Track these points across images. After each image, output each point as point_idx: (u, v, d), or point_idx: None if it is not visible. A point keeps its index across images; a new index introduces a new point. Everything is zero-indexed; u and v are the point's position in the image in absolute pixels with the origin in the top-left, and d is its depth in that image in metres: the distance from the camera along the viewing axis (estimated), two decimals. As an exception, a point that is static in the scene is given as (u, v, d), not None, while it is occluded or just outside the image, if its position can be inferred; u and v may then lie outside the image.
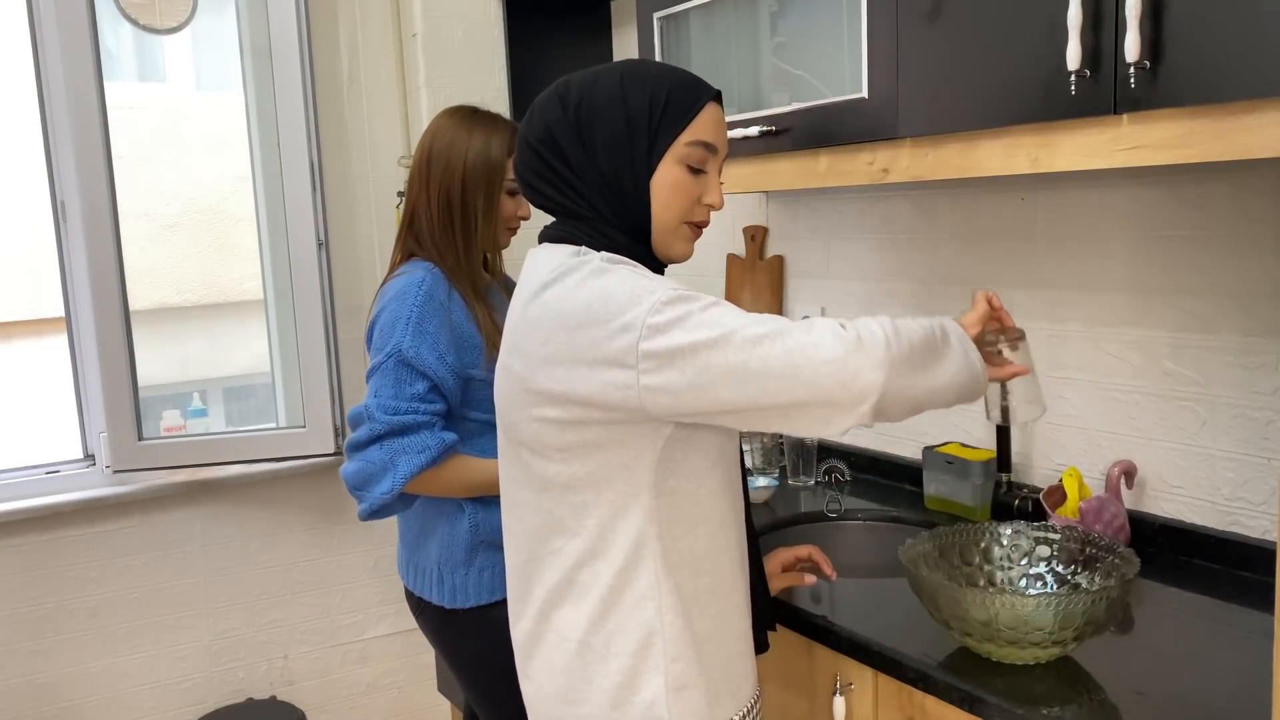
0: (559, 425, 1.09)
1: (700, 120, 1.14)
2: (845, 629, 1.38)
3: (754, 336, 1.01)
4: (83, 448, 2.38)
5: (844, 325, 1.03)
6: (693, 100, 1.14)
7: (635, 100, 1.12)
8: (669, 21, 1.93)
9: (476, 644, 1.66)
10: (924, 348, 1.06)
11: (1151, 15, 1.11)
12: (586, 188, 1.14)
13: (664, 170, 1.13)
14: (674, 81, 1.14)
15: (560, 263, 1.11)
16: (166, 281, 2.49)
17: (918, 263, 1.96)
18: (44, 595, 2.29)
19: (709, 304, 1.04)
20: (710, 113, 1.15)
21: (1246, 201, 1.45)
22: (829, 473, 1.97)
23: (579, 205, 1.15)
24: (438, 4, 2.50)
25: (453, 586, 1.64)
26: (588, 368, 1.04)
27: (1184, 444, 1.56)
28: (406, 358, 1.54)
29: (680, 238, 1.18)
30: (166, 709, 2.43)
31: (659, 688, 1.11)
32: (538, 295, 1.10)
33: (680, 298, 1.03)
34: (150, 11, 2.29)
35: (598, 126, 1.12)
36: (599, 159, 1.13)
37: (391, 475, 1.53)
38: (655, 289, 1.04)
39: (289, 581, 2.54)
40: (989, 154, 1.35)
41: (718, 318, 1.02)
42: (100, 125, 2.20)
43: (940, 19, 1.38)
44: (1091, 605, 1.16)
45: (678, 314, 1.02)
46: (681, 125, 1.13)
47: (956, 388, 1.10)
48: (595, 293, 1.05)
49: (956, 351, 1.10)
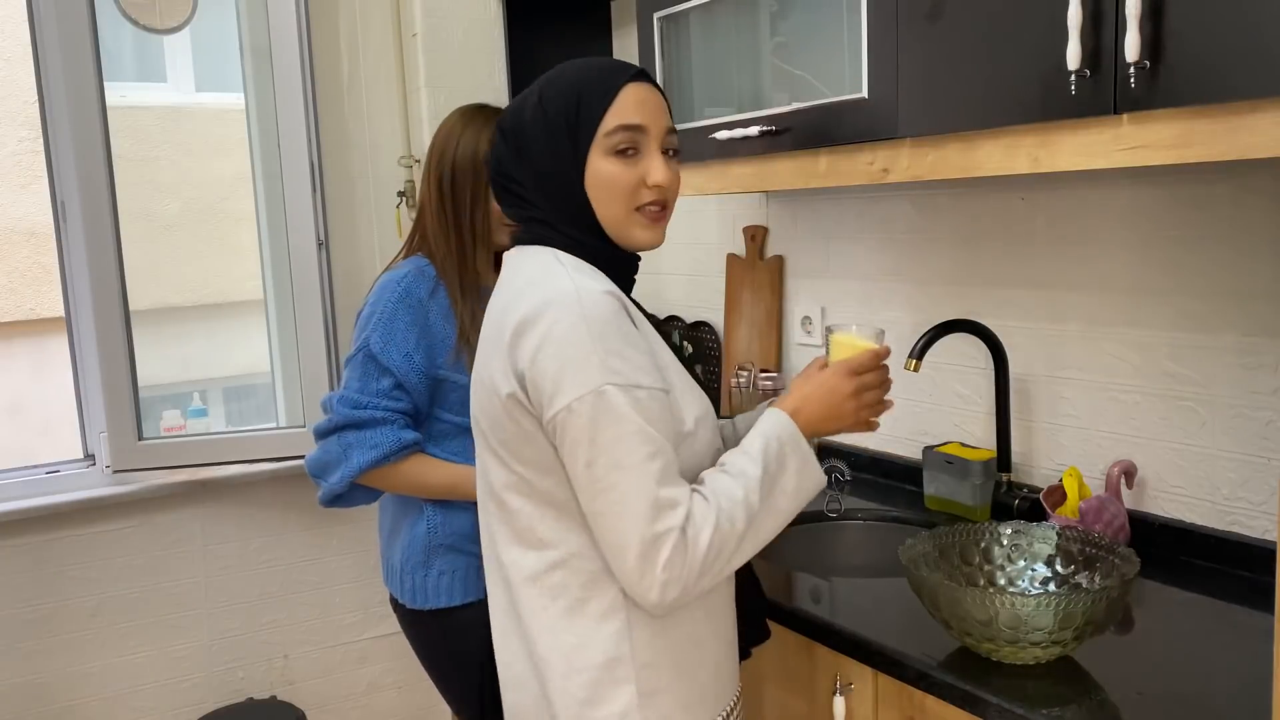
0: (524, 435, 1.10)
1: (618, 104, 1.13)
2: (845, 629, 1.38)
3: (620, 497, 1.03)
4: (83, 448, 2.38)
5: (683, 530, 1.03)
6: (605, 88, 1.14)
7: (552, 107, 1.14)
8: (669, 21, 1.93)
9: (442, 644, 1.67)
10: (745, 533, 1.07)
11: (1151, 15, 1.11)
12: (539, 198, 1.17)
13: (593, 165, 1.14)
14: (585, 76, 1.15)
15: (531, 282, 1.11)
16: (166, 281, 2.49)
17: (918, 263, 1.96)
18: (44, 595, 2.29)
19: (633, 432, 1.03)
20: (630, 94, 1.14)
21: (1247, 201, 1.45)
22: (829, 472, 1.97)
23: (539, 214, 1.17)
24: (438, 4, 2.50)
25: (413, 587, 1.65)
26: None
27: (1184, 444, 1.56)
28: (374, 353, 1.56)
29: (635, 225, 1.17)
30: (166, 709, 2.43)
31: (630, 696, 1.10)
32: (518, 333, 1.09)
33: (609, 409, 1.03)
34: (150, 11, 2.29)
35: (529, 143, 1.15)
36: (538, 172, 1.15)
37: (344, 467, 1.56)
38: (594, 378, 1.03)
39: (289, 581, 2.54)
40: (989, 154, 1.35)
41: (624, 457, 1.03)
42: (100, 125, 2.20)
43: (940, 19, 1.38)
44: (1091, 605, 1.16)
45: (596, 424, 1.03)
46: (598, 116, 1.13)
47: (788, 518, 1.14)
48: (551, 351, 1.05)
49: (789, 489, 1.12)
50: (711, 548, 1.04)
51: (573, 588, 1.11)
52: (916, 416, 1.99)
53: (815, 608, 1.46)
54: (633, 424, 1.03)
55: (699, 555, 1.04)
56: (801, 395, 1.19)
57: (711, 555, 1.05)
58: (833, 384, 1.18)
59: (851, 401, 1.19)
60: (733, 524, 1.06)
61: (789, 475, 1.12)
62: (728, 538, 1.05)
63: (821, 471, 1.15)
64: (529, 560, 1.14)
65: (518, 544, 1.15)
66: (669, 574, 1.03)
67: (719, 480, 1.09)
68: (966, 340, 1.85)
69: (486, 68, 2.57)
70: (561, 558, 1.11)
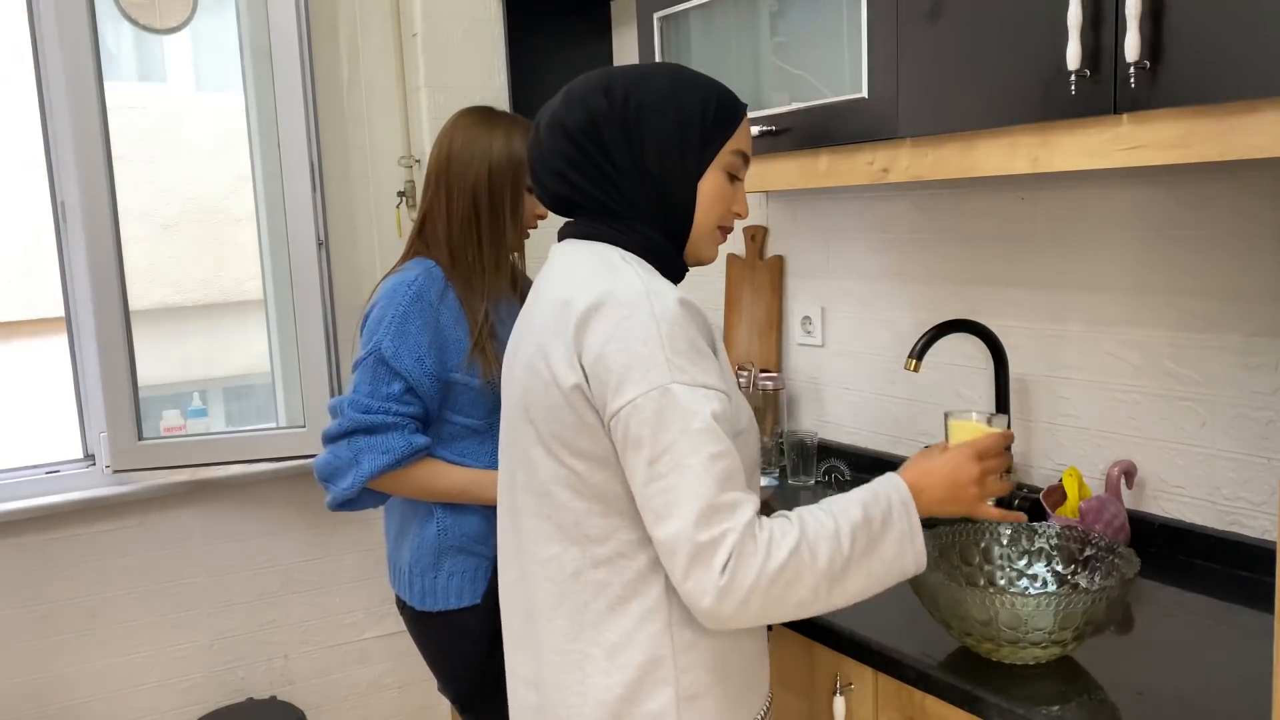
0: (584, 427, 1.07)
1: (742, 130, 1.18)
2: (845, 629, 1.38)
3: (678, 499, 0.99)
4: (83, 448, 2.38)
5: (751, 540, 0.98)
6: (735, 109, 1.17)
7: (689, 103, 1.12)
8: (669, 21, 1.93)
9: (449, 646, 1.67)
10: (824, 573, 1.00)
11: (1151, 15, 1.11)
12: (629, 185, 1.13)
13: (710, 175, 1.15)
14: (720, 90, 1.17)
15: (596, 274, 1.09)
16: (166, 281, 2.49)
17: (918, 263, 1.96)
18: (44, 595, 2.29)
19: (699, 430, 1.00)
20: (747, 124, 1.19)
21: (1247, 201, 1.45)
22: (829, 472, 1.97)
23: (615, 202, 1.14)
24: (438, 4, 2.50)
25: (422, 589, 1.64)
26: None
27: (1184, 444, 1.56)
28: (385, 357, 1.54)
29: (711, 241, 1.21)
30: (166, 709, 2.43)
31: (669, 698, 1.09)
32: (582, 322, 1.06)
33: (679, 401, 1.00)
34: (150, 11, 2.29)
35: (648, 125, 1.11)
36: (648, 157, 1.12)
37: (354, 472, 1.54)
38: (661, 375, 1.01)
39: (289, 581, 2.54)
40: (989, 154, 1.35)
41: (687, 456, 0.99)
42: (100, 125, 2.20)
43: (940, 19, 1.38)
44: (1091, 605, 1.16)
45: (661, 420, 1.00)
46: (729, 133, 1.16)
47: (872, 589, 1.06)
48: (618, 345, 1.03)
49: (886, 555, 1.05)
50: (786, 569, 0.98)
51: (615, 585, 1.09)
52: (916, 416, 1.99)
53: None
54: (699, 421, 1.00)
55: (771, 568, 0.98)
56: (924, 470, 1.12)
57: (784, 579, 0.98)
58: (957, 462, 1.12)
59: (974, 488, 1.13)
60: (814, 556, 1.00)
61: (890, 542, 1.05)
62: (805, 567, 0.99)
63: (925, 551, 1.07)
64: (571, 555, 1.11)
65: (560, 540, 1.12)
66: (729, 579, 0.97)
67: (813, 512, 1.05)
68: (966, 340, 1.85)
69: (486, 68, 2.57)
70: (607, 555, 1.09)
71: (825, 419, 2.21)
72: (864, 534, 1.03)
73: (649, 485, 1.01)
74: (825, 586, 1.01)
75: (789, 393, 2.28)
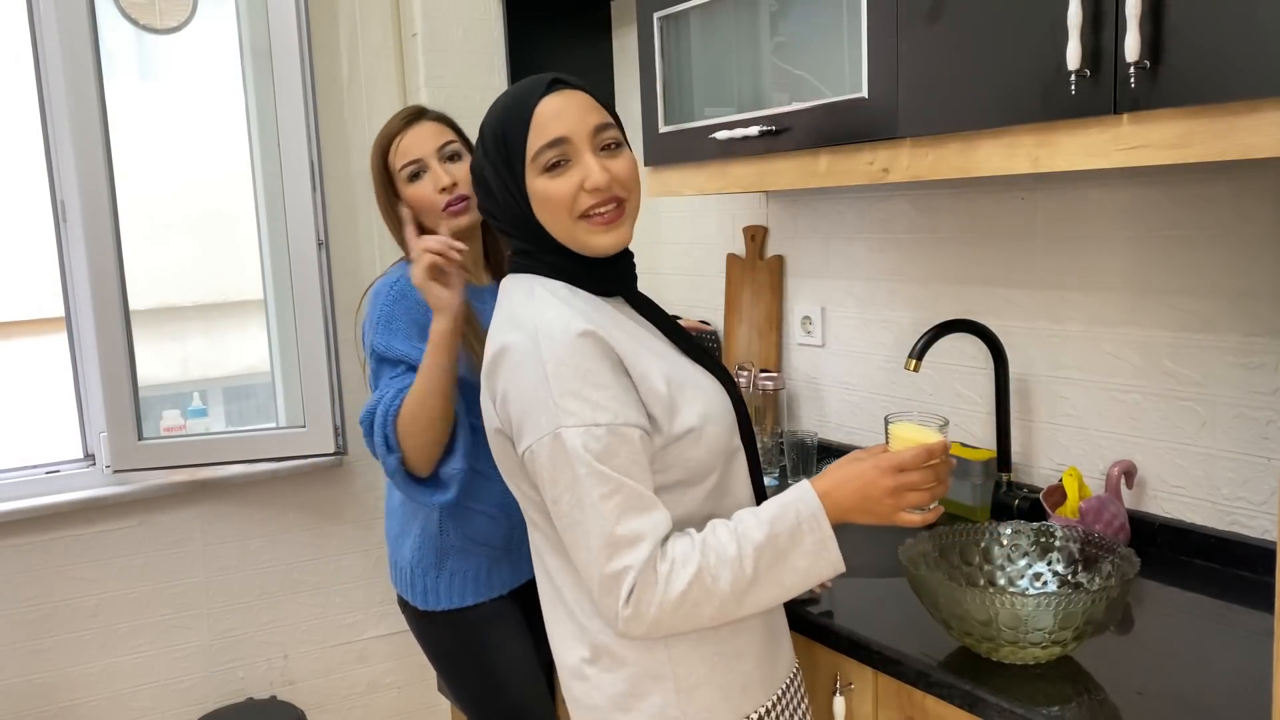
0: (518, 462, 1.14)
1: (535, 125, 1.14)
2: (845, 629, 1.38)
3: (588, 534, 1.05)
4: (83, 448, 2.38)
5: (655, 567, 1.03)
6: (521, 114, 1.15)
7: (489, 146, 1.18)
8: (669, 21, 1.93)
9: (451, 645, 1.68)
10: (729, 595, 1.05)
11: (1151, 15, 1.11)
12: (508, 219, 1.20)
13: (532, 189, 1.15)
14: (505, 108, 1.17)
15: (508, 315, 1.15)
16: (166, 281, 2.49)
17: (918, 263, 1.96)
18: (44, 595, 2.29)
19: (586, 474, 1.04)
20: (545, 109, 1.14)
21: (1246, 202, 1.45)
22: (829, 473, 1.97)
23: (516, 244, 1.21)
24: (438, 4, 2.50)
25: (424, 588, 1.65)
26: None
27: (1184, 444, 1.56)
28: (380, 353, 1.57)
29: (583, 232, 1.16)
30: (166, 709, 2.43)
31: (669, 690, 1.12)
32: (489, 371, 1.14)
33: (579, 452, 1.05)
34: (150, 11, 2.29)
35: (487, 182, 1.20)
36: (499, 205, 1.20)
37: (377, 430, 1.53)
38: (549, 420, 1.05)
39: (289, 581, 2.54)
40: (989, 154, 1.35)
41: (584, 495, 1.04)
42: (100, 125, 2.20)
43: (940, 19, 1.38)
44: (1091, 605, 1.16)
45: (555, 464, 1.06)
46: (523, 143, 1.14)
47: (787, 596, 1.10)
48: (514, 392, 1.09)
49: (799, 566, 1.08)
50: (687, 597, 1.03)
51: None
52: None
53: (815, 608, 1.46)
54: (584, 465, 1.04)
55: (671, 598, 1.03)
56: (837, 480, 1.12)
57: (687, 604, 1.04)
58: (871, 477, 1.11)
59: (889, 500, 1.11)
60: (715, 581, 1.04)
61: (801, 554, 1.07)
62: (708, 593, 1.04)
63: (840, 558, 1.09)
64: (562, 563, 1.17)
65: (551, 551, 1.18)
66: (633, 610, 1.03)
67: (719, 533, 1.07)
68: (966, 340, 1.85)
69: (486, 68, 2.57)
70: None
71: (825, 419, 2.21)
72: (768, 553, 1.06)
73: (558, 521, 1.08)
74: (732, 604, 1.06)
75: (789, 393, 2.28)
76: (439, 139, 1.64)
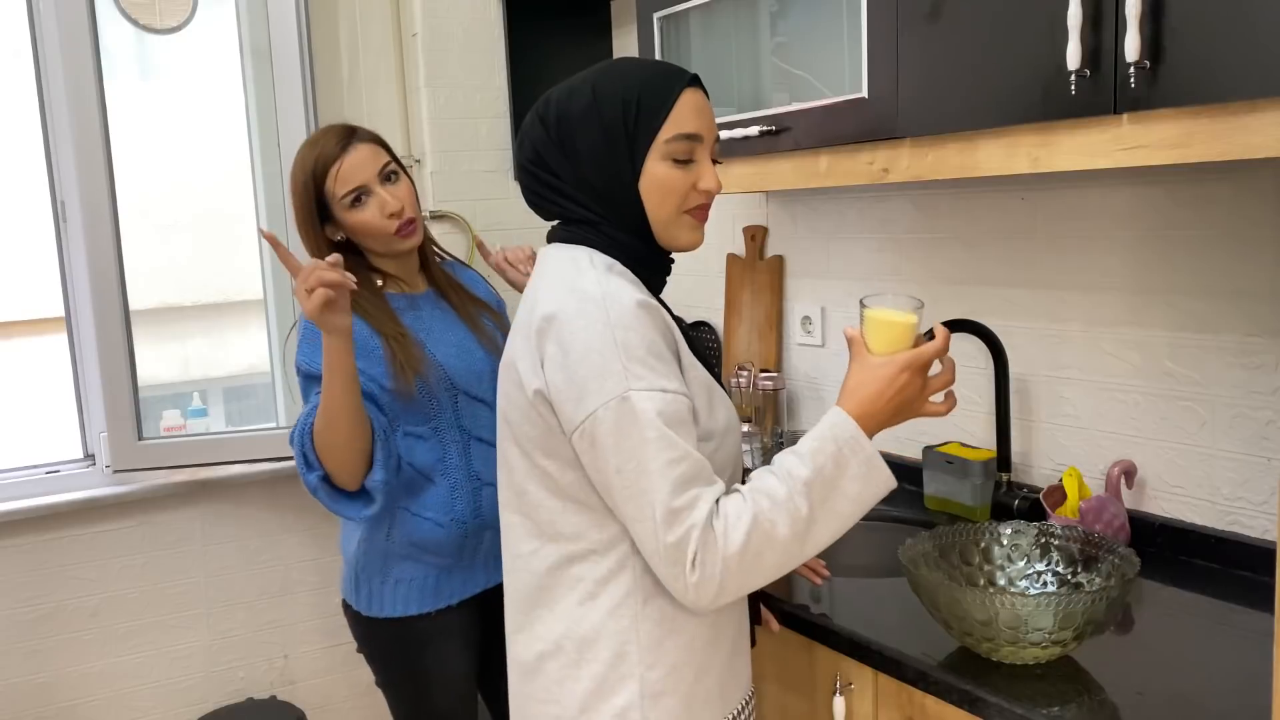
0: (549, 429, 1.10)
1: (677, 113, 1.13)
2: (845, 629, 1.38)
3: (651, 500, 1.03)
4: (83, 448, 2.38)
5: (711, 526, 1.02)
6: (665, 95, 1.13)
7: (609, 108, 1.13)
8: (669, 21, 1.93)
9: (397, 654, 1.65)
10: (790, 536, 1.03)
11: (1151, 15, 1.11)
12: (583, 197, 1.16)
13: (650, 170, 1.13)
14: (644, 80, 1.14)
15: (562, 280, 1.11)
16: (166, 281, 2.49)
17: (918, 263, 1.96)
18: (44, 595, 2.29)
19: (655, 438, 1.02)
20: (687, 101, 1.14)
21: (1246, 202, 1.45)
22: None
23: (577, 213, 1.17)
24: (438, 4, 2.50)
25: (369, 594, 1.63)
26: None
27: (1184, 444, 1.56)
28: (304, 370, 1.55)
29: (682, 227, 1.18)
30: (166, 709, 2.43)
31: (633, 694, 1.11)
32: (542, 331, 1.09)
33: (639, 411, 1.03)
34: (150, 11, 2.29)
35: (578, 139, 1.14)
36: (585, 170, 1.14)
37: (302, 465, 1.54)
38: (618, 384, 1.03)
39: (289, 581, 2.54)
40: (989, 154, 1.35)
41: (649, 461, 1.02)
42: (100, 125, 2.20)
43: (940, 19, 1.38)
44: (1091, 605, 1.16)
45: (621, 429, 1.03)
46: (658, 123, 1.12)
47: (850, 524, 1.08)
48: (576, 356, 1.05)
49: (850, 492, 1.06)
50: (749, 548, 1.02)
51: (588, 581, 1.12)
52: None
53: (815, 608, 1.46)
54: (654, 429, 1.02)
55: (732, 552, 1.01)
56: (866, 395, 1.10)
57: (750, 555, 1.02)
58: (904, 380, 1.11)
59: (920, 399, 1.13)
60: (774, 525, 1.03)
61: (850, 479, 1.06)
62: (769, 539, 1.03)
63: (890, 474, 1.09)
64: (547, 551, 1.14)
65: (537, 536, 1.15)
66: (700, 573, 1.01)
67: (765, 480, 1.06)
68: (966, 340, 1.85)
69: (486, 68, 2.57)
70: (580, 552, 1.12)
71: (825, 419, 2.21)
72: (818, 486, 1.05)
73: (618, 492, 1.05)
74: (795, 546, 1.05)
75: (789, 392, 2.28)
76: (377, 162, 1.60)
